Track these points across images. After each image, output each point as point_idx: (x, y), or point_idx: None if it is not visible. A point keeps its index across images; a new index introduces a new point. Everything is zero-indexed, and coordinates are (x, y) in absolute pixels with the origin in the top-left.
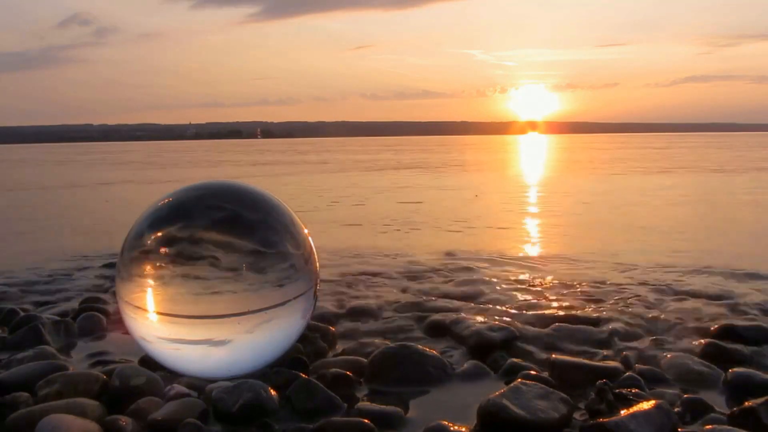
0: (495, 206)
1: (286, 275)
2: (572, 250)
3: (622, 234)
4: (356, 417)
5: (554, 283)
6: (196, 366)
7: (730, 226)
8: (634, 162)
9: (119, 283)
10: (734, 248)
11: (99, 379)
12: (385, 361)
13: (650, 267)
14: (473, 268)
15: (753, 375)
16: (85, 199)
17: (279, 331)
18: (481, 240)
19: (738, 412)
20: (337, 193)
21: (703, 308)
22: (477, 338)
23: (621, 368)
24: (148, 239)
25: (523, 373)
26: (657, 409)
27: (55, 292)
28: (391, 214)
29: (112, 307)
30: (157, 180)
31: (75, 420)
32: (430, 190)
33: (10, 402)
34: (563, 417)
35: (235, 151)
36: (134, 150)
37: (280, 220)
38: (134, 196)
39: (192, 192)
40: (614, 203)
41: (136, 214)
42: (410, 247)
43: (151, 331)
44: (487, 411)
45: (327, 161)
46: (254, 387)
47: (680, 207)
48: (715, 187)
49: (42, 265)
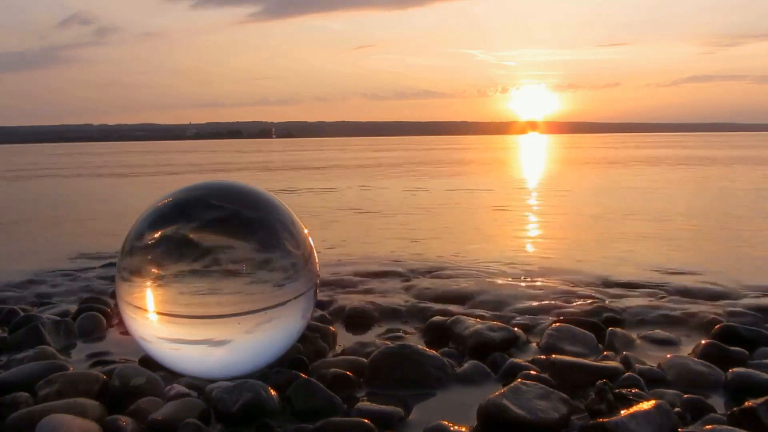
0: (495, 206)
1: (286, 275)
2: (572, 249)
3: (622, 234)
4: (356, 417)
5: (554, 283)
6: (196, 366)
7: (730, 226)
8: (645, 161)
9: (119, 283)
10: (734, 248)
11: (99, 379)
12: (385, 361)
13: (650, 266)
14: (473, 268)
15: (753, 375)
16: (85, 198)
17: (279, 331)
18: (481, 240)
19: (738, 412)
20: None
21: (703, 308)
22: (477, 338)
23: (621, 368)
24: (149, 239)
25: (523, 374)
26: (657, 409)
27: (55, 292)
28: (392, 214)
29: (112, 307)
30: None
31: (75, 420)
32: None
33: (10, 402)
34: (563, 417)
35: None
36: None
37: (280, 220)
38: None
39: (192, 192)
40: (615, 202)
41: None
42: (410, 246)
43: (151, 331)
44: (487, 411)
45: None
46: (254, 387)
47: (681, 206)
48: (715, 184)
49: (42, 265)
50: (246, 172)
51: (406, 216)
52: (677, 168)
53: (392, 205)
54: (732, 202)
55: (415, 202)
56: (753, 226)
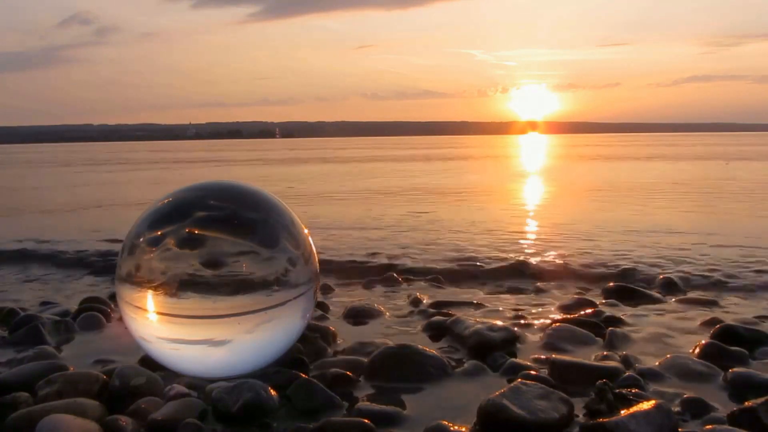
0: (494, 206)
1: (286, 275)
2: (573, 249)
3: (623, 234)
4: (356, 417)
5: (554, 282)
6: (196, 366)
7: (731, 222)
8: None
9: (119, 283)
10: (734, 248)
11: (99, 379)
12: (385, 360)
13: (650, 265)
14: (473, 268)
15: (753, 375)
16: (85, 198)
17: (279, 331)
18: (481, 240)
19: (738, 412)
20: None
21: (703, 308)
22: (477, 338)
23: (621, 368)
24: (149, 239)
25: (523, 373)
26: (657, 409)
27: (55, 292)
28: (392, 214)
29: (112, 307)
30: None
31: (75, 420)
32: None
33: (10, 402)
34: (563, 417)
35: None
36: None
37: (280, 220)
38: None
39: (192, 192)
40: (615, 202)
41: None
42: (411, 246)
43: (151, 331)
44: (487, 411)
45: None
46: (254, 387)
47: (681, 204)
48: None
49: (42, 265)
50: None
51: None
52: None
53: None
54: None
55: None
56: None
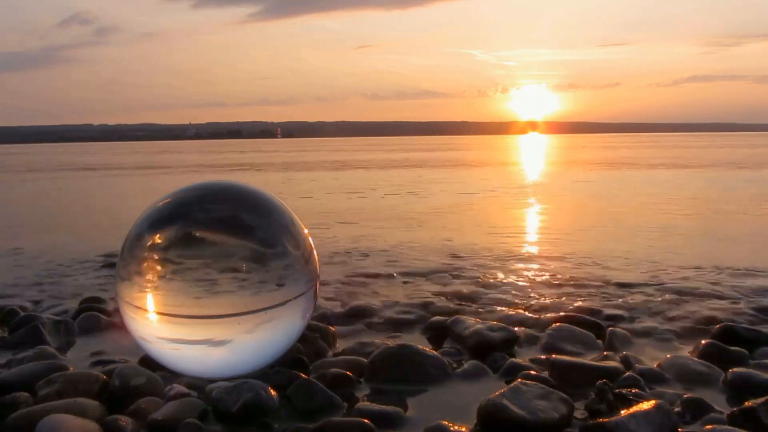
0: (493, 206)
1: (286, 275)
2: (573, 249)
3: (622, 233)
4: (356, 417)
5: (554, 283)
6: (196, 366)
7: (728, 224)
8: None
9: (119, 284)
10: (734, 247)
11: (99, 379)
12: (385, 361)
13: (650, 266)
14: (473, 268)
15: (753, 375)
16: (85, 198)
17: (279, 331)
18: (481, 240)
19: (738, 412)
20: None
21: (703, 308)
22: (477, 338)
23: (621, 368)
24: (148, 239)
25: (523, 373)
26: (657, 409)
27: (55, 292)
28: (391, 215)
29: (112, 307)
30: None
31: (75, 420)
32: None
33: (10, 402)
34: (563, 417)
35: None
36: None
37: (280, 220)
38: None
39: (192, 192)
40: (615, 201)
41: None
42: (411, 246)
43: (151, 331)
44: (487, 411)
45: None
46: (254, 387)
47: (679, 206)
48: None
49: (42, 265)
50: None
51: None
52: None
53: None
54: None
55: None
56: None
